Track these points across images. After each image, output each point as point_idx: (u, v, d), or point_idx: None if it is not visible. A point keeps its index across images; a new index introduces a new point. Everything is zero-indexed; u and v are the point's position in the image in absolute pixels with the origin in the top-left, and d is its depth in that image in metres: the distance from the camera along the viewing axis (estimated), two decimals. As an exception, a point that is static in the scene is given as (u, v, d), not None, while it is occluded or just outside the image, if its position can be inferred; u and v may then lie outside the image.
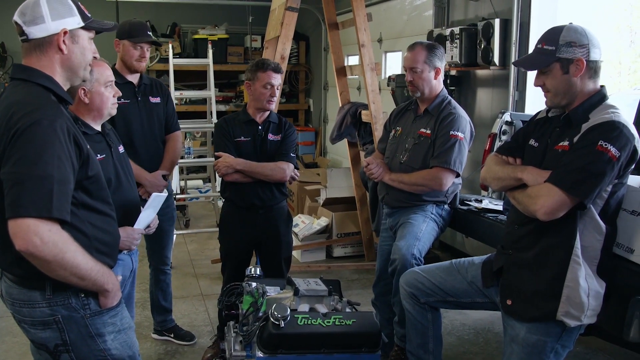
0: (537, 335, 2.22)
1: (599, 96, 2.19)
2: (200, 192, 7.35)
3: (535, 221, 2.17)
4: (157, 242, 3.52)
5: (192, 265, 5.31)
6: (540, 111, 2.46)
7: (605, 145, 2.03)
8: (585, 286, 2.15)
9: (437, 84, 3.21)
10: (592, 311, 2.18)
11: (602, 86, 2.22)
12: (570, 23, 2.21)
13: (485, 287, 2.51)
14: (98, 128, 2.46)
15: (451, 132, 3.08)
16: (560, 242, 2.17)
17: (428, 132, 3.16)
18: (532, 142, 2.34)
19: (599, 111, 2.15)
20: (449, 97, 3.25)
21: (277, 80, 3.23)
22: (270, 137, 3.31)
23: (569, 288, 2.15)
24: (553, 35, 2.19)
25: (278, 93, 3.29)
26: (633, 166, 2.15)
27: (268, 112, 3.31)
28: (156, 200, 2.40)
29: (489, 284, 2.48)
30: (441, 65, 3.19)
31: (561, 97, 2.22)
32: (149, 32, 3.30)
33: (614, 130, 2.06)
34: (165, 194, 2.54)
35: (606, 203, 2.15)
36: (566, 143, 2.16)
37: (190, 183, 7.43)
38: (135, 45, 3.23)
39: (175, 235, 5.43)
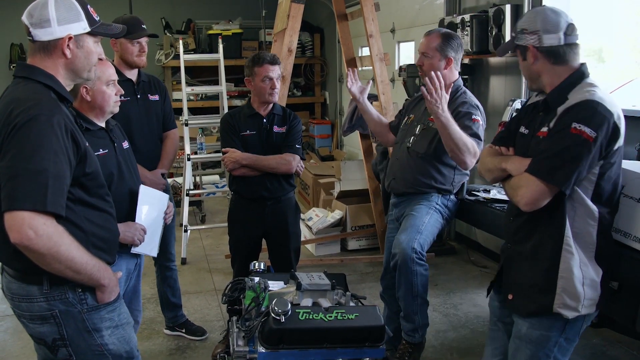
0: (540, 331, 2.15)
1: (577, 74, 2.08)
2: (217, 187, 7.37)
3: (526, 212, 2.10)
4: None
5: (206, 260, 5.33)
6: (531, 96, 2.37)
7: (579, 127, 1.93)
8: (580, 275, 2.06)
9: (449, 74, 3.14)
10: (589, 300, 2.08)
11: (582, 64, 2.10)
12: (543, 6, 2.15)
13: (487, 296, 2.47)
14: (101, 124, 2.48)
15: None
16: (552, 231, 2.09)
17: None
18: (522, 129, 2.26)
19: (576, 91, 2.05)
20: (464, 88, 3.20)
21: (275, 72, 3.22)
22: (276, 129, 3.31)
23: (563, 279, 2.07)
24: (518, 20, 2.16)
25: (279, 84, 3.27)
26: (618, 144, 2.02)
27: (272, 105, 3.31)
28: (147, 195, 2.41)
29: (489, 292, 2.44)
30: (455, 56, 3.12)
31: (531, 82, 2.18)
32: (143, 26, 3.30)
33: (587, 109, 1.96)
34: (156, 191, 2.58)
35: (597, 185, 2.04)
36: (545, 129, 2.08)
37: (206, 178, 7.45)
38: (133, 41, 3.23)
39: (189, 231, 5.48)
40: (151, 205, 2.44)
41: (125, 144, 2.59)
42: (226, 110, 5.74)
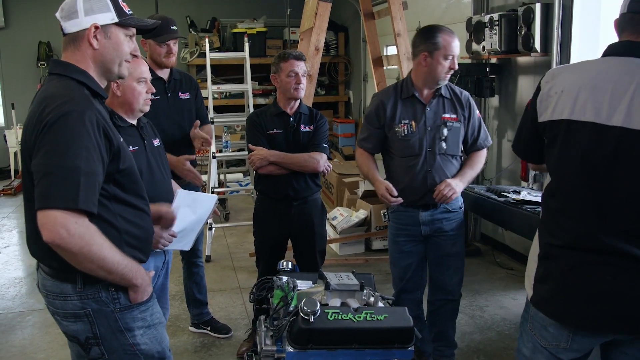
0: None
1: None
2: (241, 185, 7.40)
3: None
4: None
5: (230, 258, 5.35)
6: None
7: None
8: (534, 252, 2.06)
9: None
10: (527, 279, 2.05)
11: None
12: None
13: None
14: (132, 121, 2.48)
15: (477, 114, 3.09)
16: None
17: (454, 116, 3.03)
18: None
19: None
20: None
21: (301, 67, 3.20)
22: (303, 128, 3.29)
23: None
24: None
25: (305, 80, 3.24)
26: None
27: (298, 104, 3.29)
28: (185, 198, 2.39)
29: None
30: None
31: None
32: (172, 27, 3.29)
33: None
34: (201, 195, 2.57)
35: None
36: None
37: (230, 177, 7.49)
38: (161, 43, 3.24)
39: (214, 229, 5.51)
40: (191, 208, 2.42)
41: (157, 142, 2.59)
42: (251, 109, 5.76)
